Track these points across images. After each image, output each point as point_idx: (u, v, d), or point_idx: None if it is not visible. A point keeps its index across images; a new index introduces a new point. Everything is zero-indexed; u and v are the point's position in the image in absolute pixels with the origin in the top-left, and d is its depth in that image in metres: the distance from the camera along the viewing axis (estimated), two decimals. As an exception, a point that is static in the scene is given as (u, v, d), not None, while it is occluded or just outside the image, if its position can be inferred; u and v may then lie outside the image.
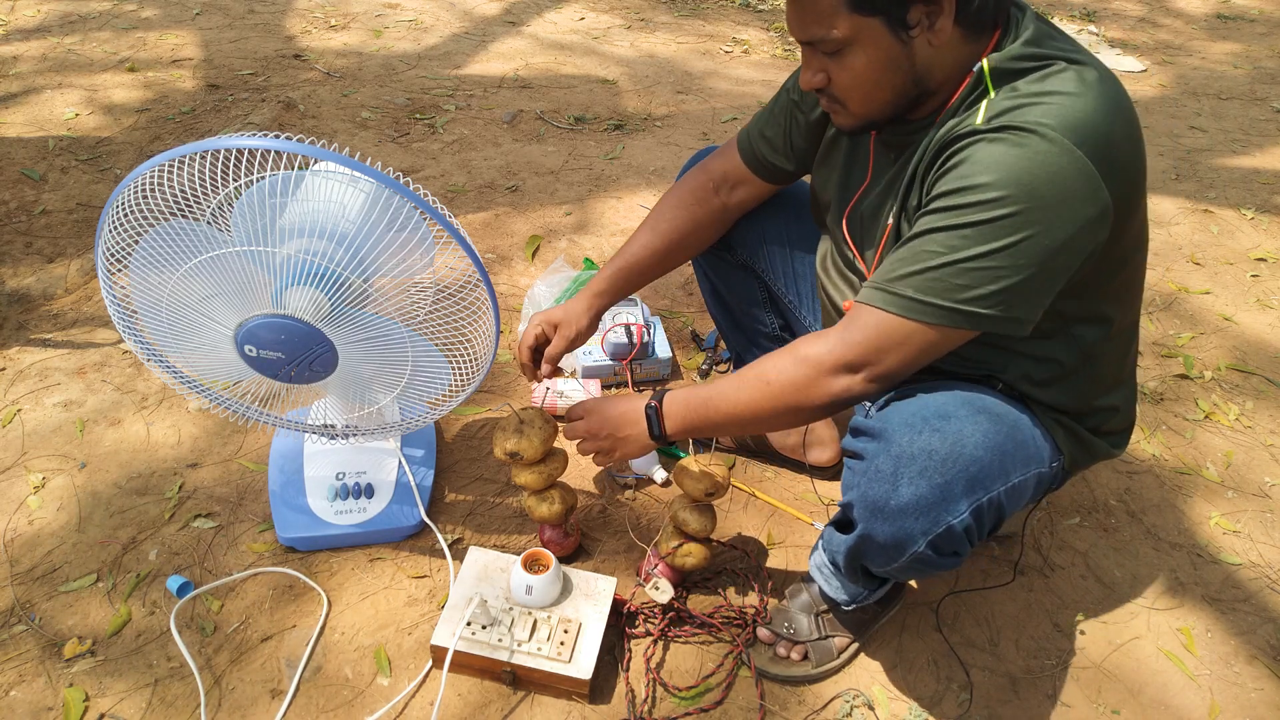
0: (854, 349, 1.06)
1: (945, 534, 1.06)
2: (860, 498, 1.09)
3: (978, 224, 0.97)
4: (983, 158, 0.97)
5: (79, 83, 2.94)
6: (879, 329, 1.05)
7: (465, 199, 2.51)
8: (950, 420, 1.05)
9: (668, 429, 1.22)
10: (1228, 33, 4.33)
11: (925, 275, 1.01)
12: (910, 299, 1.02)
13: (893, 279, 1.04)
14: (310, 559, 1.49)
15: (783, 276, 1.54)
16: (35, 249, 2.16)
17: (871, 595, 1.33)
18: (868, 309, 1.06)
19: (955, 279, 0.99)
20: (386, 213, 1.16)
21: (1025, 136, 0.95)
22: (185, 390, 1.40)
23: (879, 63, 1.02)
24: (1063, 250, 0.99)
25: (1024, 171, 0.95)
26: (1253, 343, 2.18)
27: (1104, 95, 0.98)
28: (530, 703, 1.30)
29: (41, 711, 1.25)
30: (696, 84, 3.35)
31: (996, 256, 0.97)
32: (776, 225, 1.51)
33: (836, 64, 1.05)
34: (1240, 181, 2.94)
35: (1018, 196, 0.95)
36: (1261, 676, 1.42)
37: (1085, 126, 0.95)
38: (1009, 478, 1.10)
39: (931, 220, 1.02)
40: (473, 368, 1.36)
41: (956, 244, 0.99)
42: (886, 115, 1.10)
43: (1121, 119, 0.99)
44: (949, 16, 0.99)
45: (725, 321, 1.69)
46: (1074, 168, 0.95)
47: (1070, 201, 0.96)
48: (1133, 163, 1.02)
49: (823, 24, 1.01)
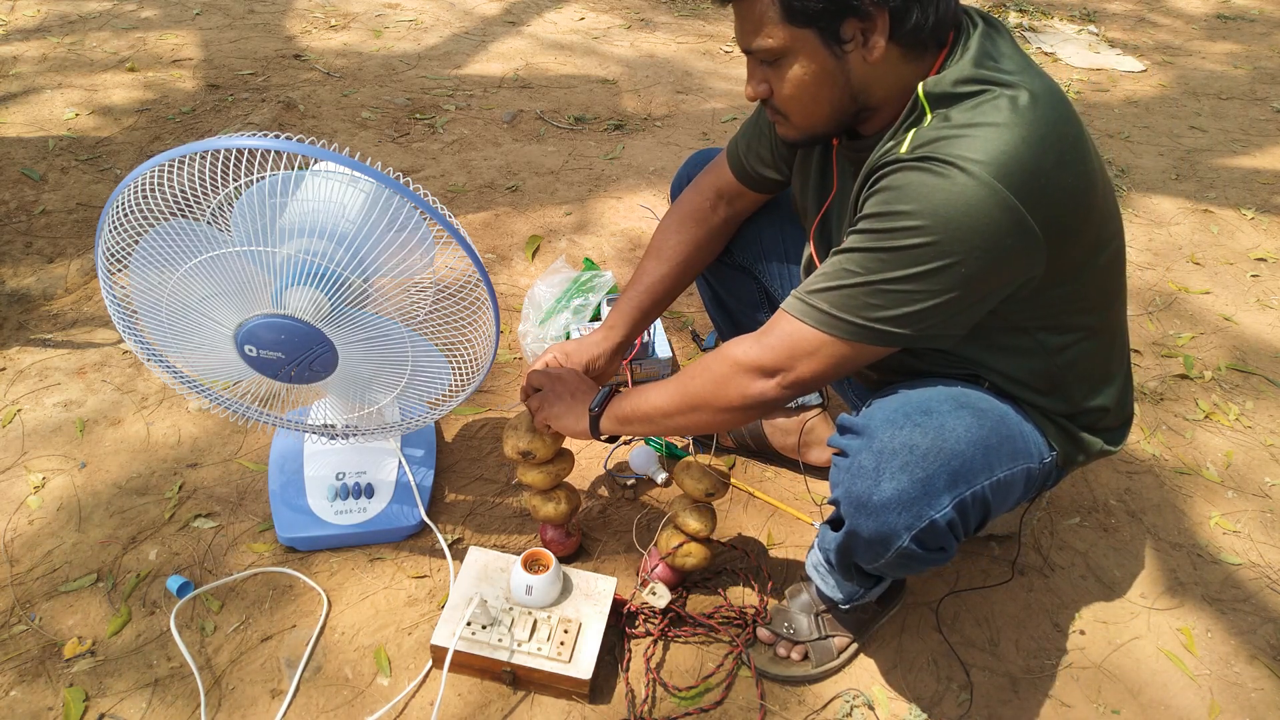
0: (769, 353, 1.10)
1: (929, 528, 1.06)
2: (845, 494, 1.09)
3: (894, 249, 1.00)
4: (903, 185, 0.99)
5: (79, 83, 2.94)
6: (793, 337, 1.08)
7: (465, 199, 2.51)
8: (932, 415, 1.06)
9: (603, 418, 1.26)
10: (1228, 33, 4.33)
11: (841, 292, 1.04)
12: (824, 312, 1.05)
13: (811, 291, 1.07)
14: (310, 559, 1.49)
15: (779, 279, 1.54)
16: (35, 249, 2.16)
17: (868, 594, 1.33)
18: (786, 317, 1.10)
19: (869, 298, 1.03)
20: (386, 213, 1.16)
21: (946, 169, 0.96)
22: (185, 390, 1.40)
23: (814, 75, 1.04)
24: (981, 278, 1.01)
25: (942, 204, 0.96)
26: (1253, 343, 2.18)
27: (1035, 123, 0.98)
28: (530, 703, 1.30)
29: (41, 711, 1.25)
30: (696, 84, 3.35)
31: (910, 282, 1.00)
32: (772, 230, 1.52)
33: (775, 74, 1.07)
34: (1240, 181, 2.94)
35: (934, 227, 0.97)
36: (1261, 676, 1.42)
37: (1010, 159, 0.96)
38: (993, 472, 1.10)
39: (854, 240, 1.04)
40: (473, 368, 1.36)
41: (873, 266, 1.02)
42: (828, 129, 1.12)
43: (1054, 146, 0.99)
44: (883, 34, 1.00)
45: (725, 324, 1.69)
46: (993, 201, 0.95)
47: (988, 234, 0.97)
48: (1069, 186, 1.01)
49: (759, 33, 1.03)
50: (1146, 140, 3.18)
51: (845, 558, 1.21)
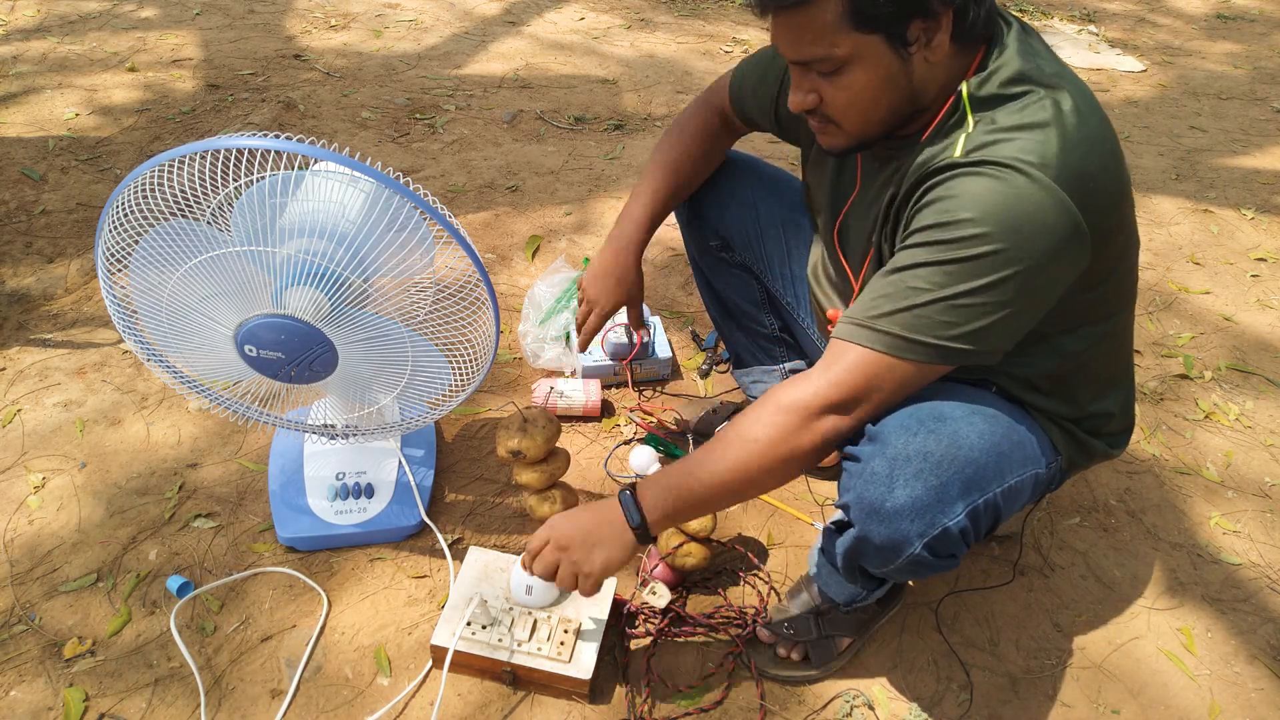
0: (840, 389, 1.04)
1: (941, 536, 1.05)
2: (856, 500, 1.08)
3: (962, 260, 0.97)
4: (964, 192, 0.97)
5: (79, 83, 2.94)
6: (865, 368, 1.03)
7: (465, 199, 2.51)
8: (946, 422, 1.05)
9: (649, 516, 1.11)
10: (1228, 33, 4.33)
11: (911, 312, 1.00)
12: (896, 336, 1.01)
13: (877, 316, 1.02)
14: (310, 559, 1.49)
15: (780, 279, 1.54)
16: (35, 249, 2.16)
17: (871, 595, 1.33)
18: (853, 347, 1.03)
19: (941, 315, 0.99)
20: (386, 213, 1.16)
21: (1005, 172, 0.95)
22: (185, 390, 1.40)
23: (878, 81, 1.01)
24: (1046, 284, 1.00)
25: (1006, 208, 0.95)
26: (1253, 343, 2.18)
27: (1080, 126, 0.98)
28: (530, 703, 1.30)
29: (41, 711, 1.25)
30: (696, 84, 3.35)
31: (982, 294, 0.97)
32: (774, 228, 1.51)
33: (832, 84, 1.03)
34: (1240, 181, 2.94)
35: (1000, 234, 0.95)
36: (1261, 676, 1.42)
37: (1062, 161, 0.95)
38: (1005, 479, 1.10)
39: (914, 255, 1.00)
40: (473, 368, 1.36)
41: (941, 280, 0.98)
42: (880, 134, 1.09)
43: (1098, 148, 0.99)
44: (946, 32, 0.98)
45: (724, 323, 1.69)
46: (1053, 203, 0.95)
47: (1051, 237, 0.96)
48: (1110, 190, 1.01)
49: (822, 43, 0.99)
50: (1146, 140, 3.18)
51: (852, 561, 1.20)
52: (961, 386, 1.14)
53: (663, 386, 1.92)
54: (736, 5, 4.24)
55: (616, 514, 1.13)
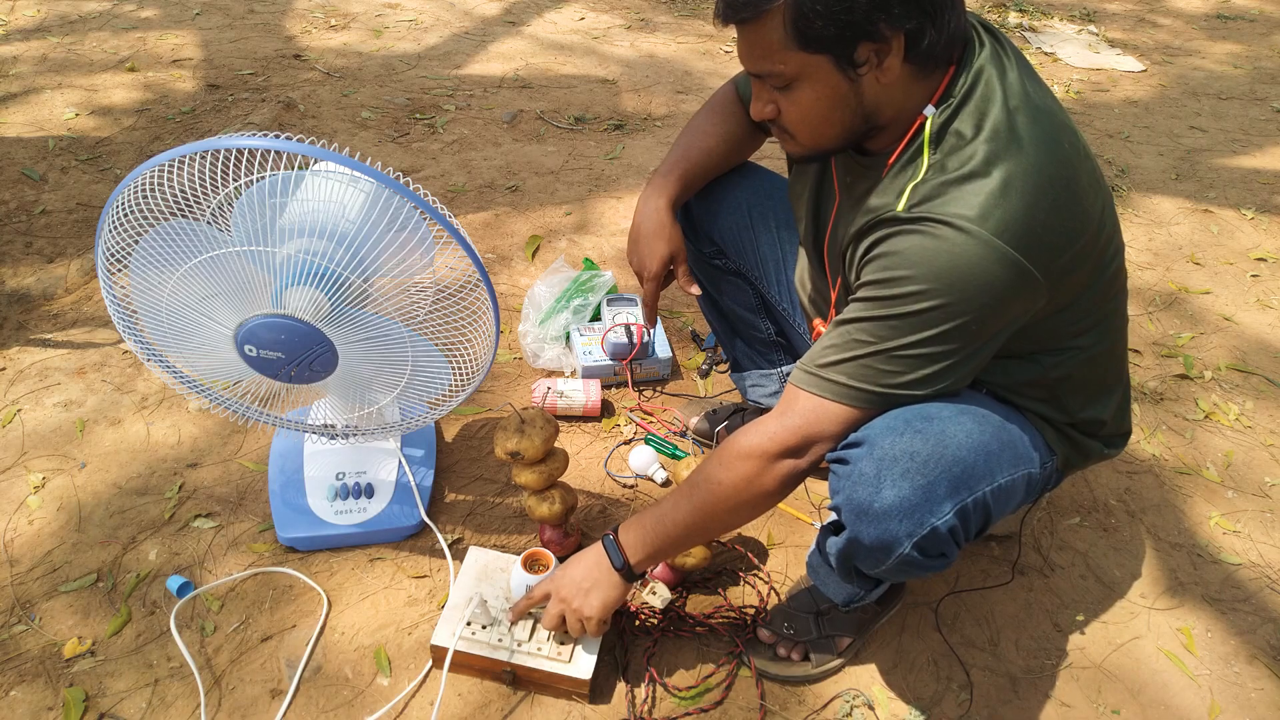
0: (793, 434, 1.10)
1: (930, 536, 1.06)
2: (846, 501, 1.09)
3: (902, 315, 1.01)
4: (903, 250, 1.00)
5: (79, 83, 2.94)
6: (814, 414, 1.09)
7: (465, 199, 2.51)
8: (933, 421, 1.05)
9: (630, 558, 1.21)
10: (1228, 33, 4.33)
11: (856, 363, 1.05)
12: (844, 385, 1.06)
13: (825, 365, 1.07)
14: (310, 559, 1.49)
15: (776, 285, 1.54)
16: (35, 249, 2.16)
17: (869, 595, 1.33)
18: (804, 394, 1.10)
19: (884, 365, 1.04)
20: (386, 213, 1.16)
21: (942, 230, 0.97)
22: (185, 390, 1.40)
23: (826, 99, 1.03)
24: (989, 328, 1.02)
25: (943, 266, 0.97)
26: (1253, 343, 2.18)
27: (1029, 172, 0.97)
28: (530, 703, 1.30)
29: (41, 711, 1.25)
30: (696, 84, 3.35)
31: (923, 345, 1.02)
32: (769, 235, 1.51)
33: (785, 98, 1.05)
34: (1240, 181, 2.94)
35: (939, 290, 0.98)
36: (1261, 676, 1.42)
37: (1005, 214, 0.96)
38: (994, 478, 1.10)
39: (858, 309, 1.05)
40: (473, 368, 1.36)
41: (884, 334, 1.02)
42: (836, 148, 1.11)
43: (1047, 192, 0.98)
44: (897, 56, 0.98)
45: (722, 328, 1.68)
46: (993, 257, 0.96)
47: (992, 289, 0.98)
48: (1064, 229, 1.01)
49: (770, 59, 1.01)
50: (1146, 140, 3.18)
51: (846, 562, 1.21)
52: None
53: (663, 386, 1.92)
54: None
55: (603, 558, 1.23)
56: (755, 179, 1.52)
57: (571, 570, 1.25)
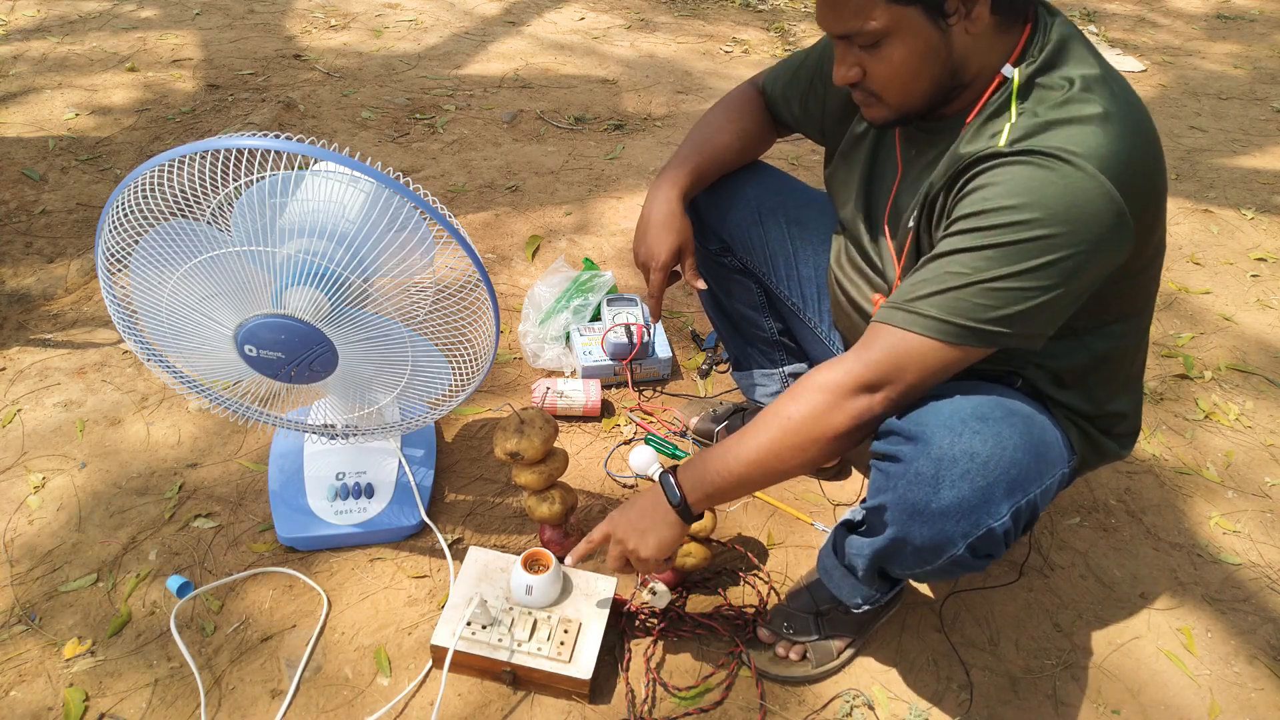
0: (873, 368, 1.04)
1: (985, 536, 1.05)
2: (898, 500, 1.07)
3: (1004, 245, 0.97)
4: (1008, 180, 0.97)
5: (79, 83, 2.94)
6: (899, 348, 1.03)
7: (465, 199, 2.51)
8: (988, 422, 1.04)
9: (689, 495, 1.16)
10: (1228, 33, 4.33)
11: (949, 294, 1.00)
12: (933, 318, 1.01)
13: (914, 299, 1.02)
14: (310, 559, 1.49)
15: (786, 281, 1.53)
16: (35, 249, 2.16)
17: (884, 597, 1.31)
18: (888, 328, 1.04)
19: (979, 299, 0.99)
20: (386, 213, 1.16)
21: (1051, 161, 0.95)
22: (185, 390, 1.40)
23: (917, 53, 1.01)
24: (1087, 272, 0.99)
25: (1051, 196, 0.95)
26: (1253, 343, 2.18)
27: (1127, 120, 0.98)
28: (530, 703, 1.30)
29: (41, 711, 1.25)
30: (696, 84, 3.35)
31: (1023, 278, 0.97)
32: (778, 230, 1.50)
33: (873, 57, 1.03)
34: (1240, 181, 2.94)
35: (1045, 220, 0.95)
36: (1261, 676, 1.42)
37: (1109, 153, 0.95)
38: (1043, 479, 1.09)
39: (955, 241, 1.01)
40: (473, 368, 1.36)
41: (981, 265, 0.98)
42: (923, 107, 1.09)
43: (1143, 143, 0.99)
44: (985, 4, 0.98)
45: (724, 326, 1.68)
46: (1099, 193, 0.95)
47: (1095, 226, 0.96)
48: (1153, 184, 1.02)
49: (860, 16, 0.99)
50: (1146, 140, 3.18)
51: (879, 563, 1.19)
52: (990, 386, 1.13)
53: (662, 386, 1.92)
54: (736, 5, 4.24)
55: (660, 497, 1.19)
56: (764, 176, 1.51)
57: (629, 511, 1.21)
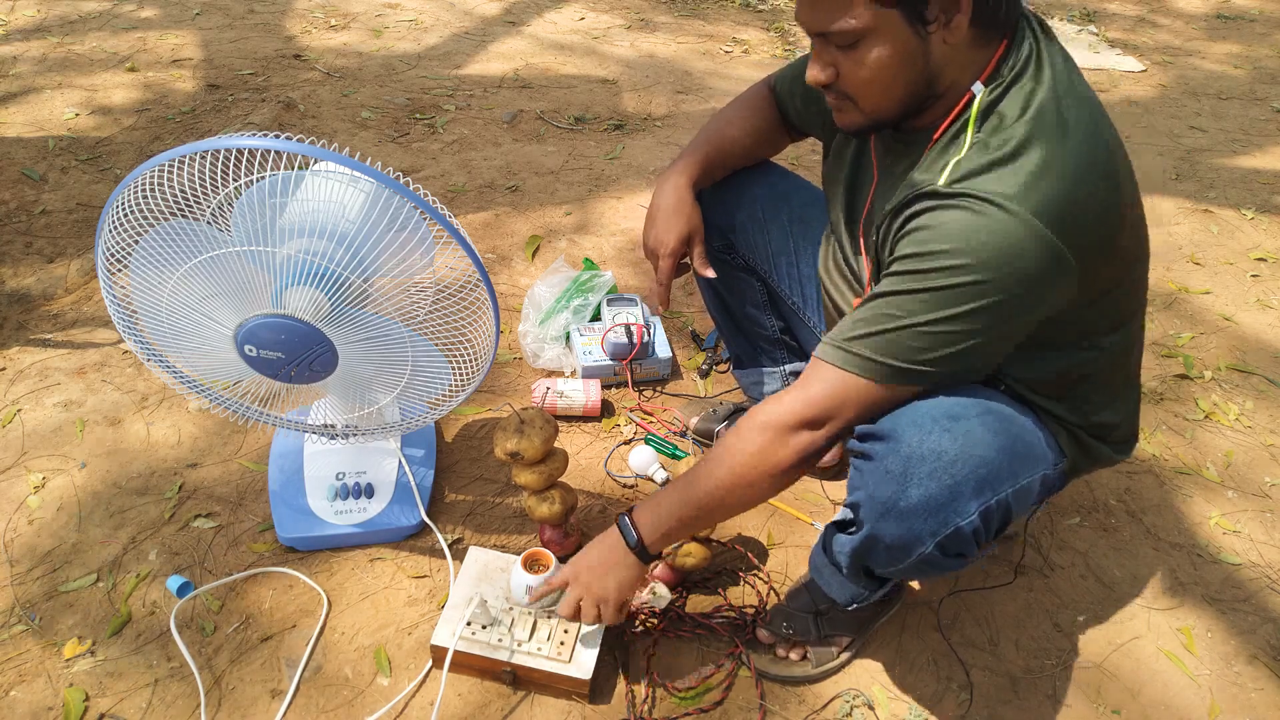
0: (813, 406, 1.08)
1: (953, 535, 1.05)
2: (868, 498, 1.08)
3: (936, 289, 0.99)
4: (943, 225, 0.99)
5: (79, 83, 2.94)
6: (837, 387, 1.07)
7: (465, 199, 2.51)
8: (959, 420, 1.04)
9: (646, 537, 1.19)
10: (1228, 33, 4.33)
11: (884, 336, 1.03)
12: (868, 359, 1.04)
13: (851, 338, 1.05)
14: (310, 559, 1.49)
15: (787, 279, 1.53)
16: (35, 249, 2.16)
17: (873, 595, 1.32)
18: (826, 366, 1.08)
19: (913, 341, 1.02)
20: (386, 213, 1.16)
21: (985, 206, 0.96)
22: (185, 390, 1.40)
23: (895, 57, 1.01)
24: (1021, 314, 1.01)
25: (983, 242, 0.96)
26: (1253, 343, 2.18)
27: (1071, 155, 0.97)
28: (530, 703, 1.30)
29: (41, 711, 1.25)
30: (696, 84, 3.35)
31: (955, 322, 1.00)
32: (780, 229, 1.50)
33: (849, 58, 1.03)
34: (1240, 181, 2.94)
35: (975, 266, 0.96)
36: (1261, 676, 1.42)
37: (1047, 195, 0.95)
38: (1017, 479, 1.09)
39: (892, 282, 1.03)
40: (473, 368, 1.36)
41: (914, 308, 1.01)
42: (896, 115, 1.09)
43: (1087, 177, 0.98)
44: (966, 14, 0.98)
45: (726, 325, 1.68)
46: (1032, 238, 0.95)
47: (1028, 271, 0.97)
48: (1101, 216, 1.01)
49: (839, 12, 0.99)
50: (1146, 140, 3.18)
51: (859, 561, 1.20)
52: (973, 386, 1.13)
53: (662, 386, 1.92)
54: (736, 5, 4.24)
55: (618, 539, 1.22)
56: (769, 175, 1.51)
57: (589, 555, 1.24)
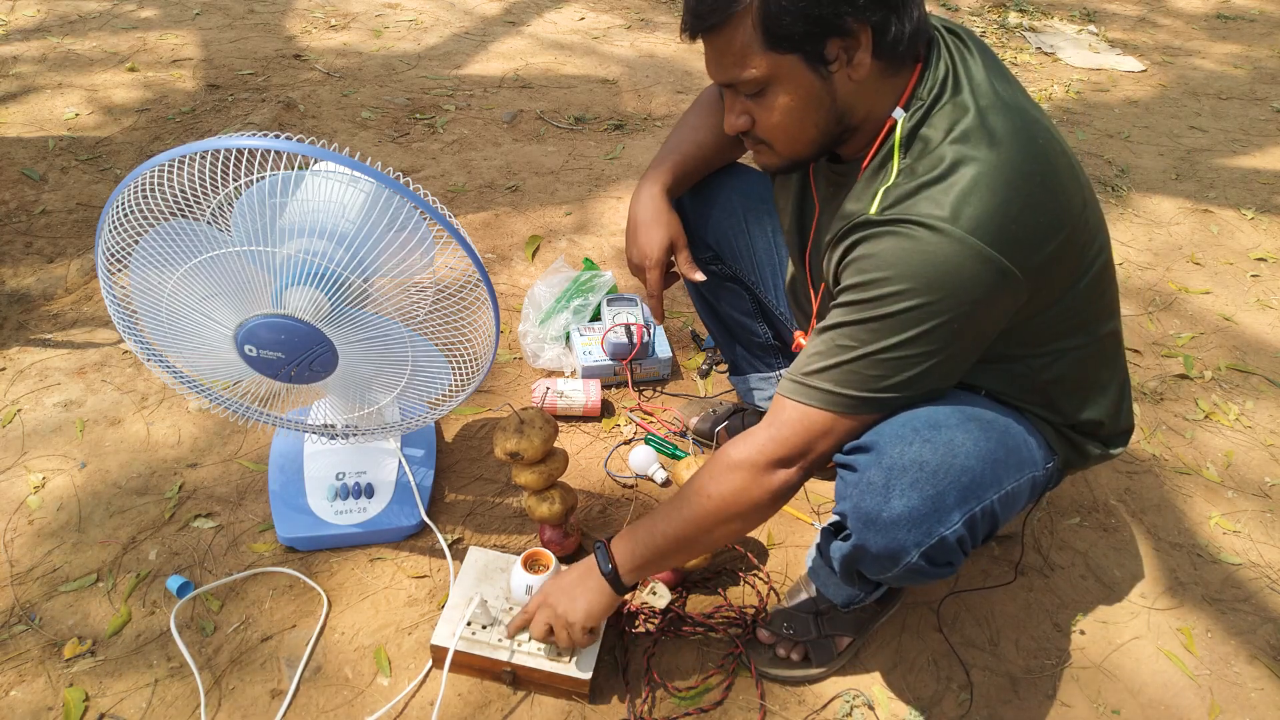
0: (783, 445, 1.08)
1: (938, 545, 1.05)
2: (853, 509, 1.08)
3: (883, 317, 0.99)
4: (880, 252, 0.99)
5: (79, 83, 2.94)
6: (803, 423, 1.07)
7: (465, 199, 2.51)
8: (940, 430, 1.05)
9: (620, 567, 1.19)
10: (1228, 33, 4.33)
11: (841, 369, 1.04)
12: (829, 392, 1.05)
13: (810, 373, 1.06)
14: (310, 559, 1.49)
15: (772, 290, 1.53)
16: (35, 249, 2.16)
17: (869, 597, 1.32)
18: (791, 403, 1.08)
19: (869, 370, 1.03)
20: (386, 213, 1.16)
21: (916, 230, 0.97)
22: (185, 390, 1.40)
23: (800, 100, 1.02)
24: (972, 330, 1.01)
25: (920, 265, 0.96)
26: (1253, 343, 2.18)
27: (1001, 168, 0.97)
28: (530, 703, 1.30)
29: (41, 711, 1.25)
30: (696, 84, 3.35)
31: (906, 346, 1.00)
32: (764, 240, 1.50)
33: (759, 105, 1.04)
34: (1240, 181, 2.94)
35: (918, 290, 0.97)
36: (1261, 676, 1.42)
37: (981, 211, 0.95)
38: (1002, 485, 1.10)
39: (840, 314, 1.04)
40: (473, 368, 1.36)
41: (865, 337, 1.01)
42: (812, 154, 1.10)
43: (1020, 188, 0.98)
44: (867, 51, 0.98)
45: (719, 332, 1.68)
46: (969, 256, 0.96)
47: (971, 288, 0.97)
48: (1040, 224, 1.00)
49: (740, 64, 1.00)
50: (1146, 140, 3.18)
51: (850, 567, 1.20)
52: (953, 393, 1.13)
53: (662, 386, 1.93)
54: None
55: (592, 564, 1.22)
56: (750, 183, 1.51)
57: (563, 579, 1.25)
